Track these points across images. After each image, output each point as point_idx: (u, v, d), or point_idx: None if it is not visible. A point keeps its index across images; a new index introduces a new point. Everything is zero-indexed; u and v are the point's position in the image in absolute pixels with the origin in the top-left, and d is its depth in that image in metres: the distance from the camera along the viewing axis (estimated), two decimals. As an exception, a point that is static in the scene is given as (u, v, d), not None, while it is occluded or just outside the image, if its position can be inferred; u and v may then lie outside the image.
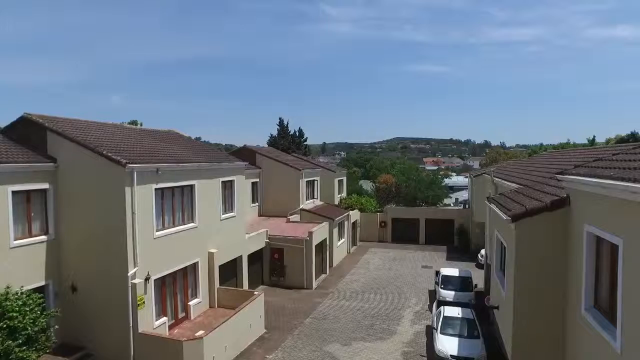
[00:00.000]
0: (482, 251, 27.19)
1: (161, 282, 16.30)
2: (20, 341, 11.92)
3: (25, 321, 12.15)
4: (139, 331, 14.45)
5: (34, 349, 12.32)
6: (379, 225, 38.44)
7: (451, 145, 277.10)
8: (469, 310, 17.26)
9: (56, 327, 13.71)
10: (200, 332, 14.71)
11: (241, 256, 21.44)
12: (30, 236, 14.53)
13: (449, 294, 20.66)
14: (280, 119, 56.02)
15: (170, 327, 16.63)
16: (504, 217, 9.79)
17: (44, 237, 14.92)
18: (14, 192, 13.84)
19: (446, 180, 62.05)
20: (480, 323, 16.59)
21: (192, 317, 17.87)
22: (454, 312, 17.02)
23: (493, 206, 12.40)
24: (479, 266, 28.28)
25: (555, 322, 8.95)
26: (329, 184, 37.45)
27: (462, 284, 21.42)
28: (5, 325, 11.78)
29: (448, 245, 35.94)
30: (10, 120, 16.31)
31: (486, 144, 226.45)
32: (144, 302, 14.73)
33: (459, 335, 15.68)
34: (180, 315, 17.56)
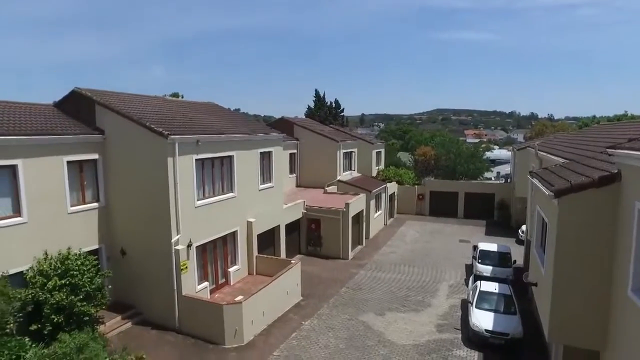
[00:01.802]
0: (523, 227, 26.44)
1: (202, 249, 17.06)
2: (81, 297, 13.11)
3: (84, 279, 13.30)
4: (183, 294, 15.32)
5: (92, 304, 13.49)
6: (417, 198, 38.02)
7: (494, 117, 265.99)
8: (507, 286, 17.00)
9: (109, 286, 14.81)
10: (240, 297, 15.40)
11: (279, 226, 21.96)
12: (84, 203, 15.55)
13: (486, 269, 20.38)
14: (316, 90, 55.76)
15: (211, 291, 17.49)
16: (547, 192, 9.44)
17: (95, 205, 15.90)
18: (68, 162, 14.78)
19: (487, 154, 59.84)
20: (517, 299, 16.34)
21: (232, 283, 18.69)
22: (491, 287, 16.82)
23: (535, 181, 11.96)
24: (519, 242, 27.58)
25: (596, 302, 8.69)
26: (366, 156, 37.19)
27: (501, 259, 21.03)
28: (68, 282, 12.90)
29: (487, 220, 35.14)
30: (61, 95, 17.22)
31: (532, 116, 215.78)
32: (186, 267, 15.52)
33: (495, 311, 15.55)
34: (221, 280, 18.40)
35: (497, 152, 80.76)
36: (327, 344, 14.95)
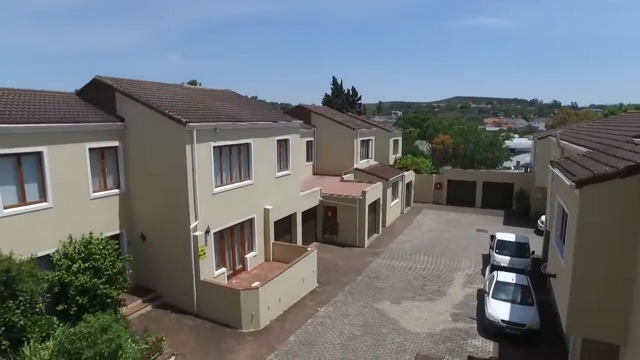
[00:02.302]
0: (543, 217, 26.01)
1: (220, 236, 17.32)
2: (104, 280, 13.53)
3: (106, 263, 13.71)
4: (201, 279, 15.63)
5: (114, 287, 13.92)
6: (434, 187, 37.71)
7: (515, 105, 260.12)
8: (524, 277, 16.83)
9: (130, 270, 15.20)
10: (256, 283, 15.64)
11: (295, 213, 22.10)
12: (106, 189, 15.91)
13: (503, 259, 20.17)
14: (333, 77, 55.40)
15: (229, 277, 17.80)
16: (568, 182, 9.25)
17: (116, 191, 16.26)
18: (90, 149, 15.11)
19: (507, 142, 58.82)
20: (535, 290, 16.17)
21: (249, 269, 18.96)
22: (508, 277, 16.68)
23: (556, 170, 11.72)
24: (538, 232, 27.17)
25: (617, 296, 8.53)
26: (384, 144, 36.94)
27: (519, 249, 20.78)
28: (91, 266, 13.33)
29: (506, 210, 34.66)
30: (83, 84, 17.51)
31: (555, 104, 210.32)
32: (204, 253, 15.80)
33: (512, 301, 15.43)
34: (238, 266, 18.70)
35: (517, 141, 79.22)
36: (342, 330, 15.10)
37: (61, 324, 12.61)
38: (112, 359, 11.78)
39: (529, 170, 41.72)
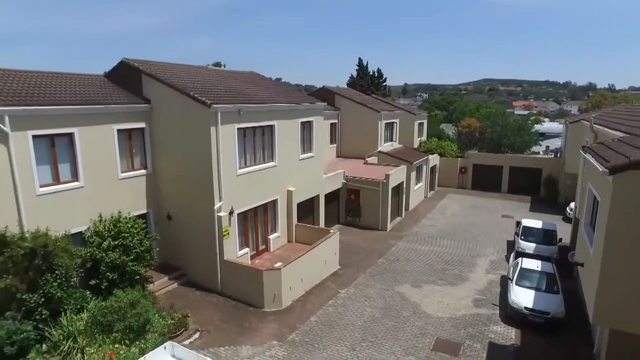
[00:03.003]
0: (572, 204, 25.27)
1: (244, 216, 17.58)
2: (132, 257, 14.01)
3: (134, 241, 14.16)
4: (225, 259, 15.97)
5: (141, 264, 14.40)
6: (459, 171, 37.07)
7: (546, 87, 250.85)
8: (550, 265, 16.49)
9: (157, 249, 15.67)
10: (279, 264, 15.88)
11: (318, 195, 22.18)
12: (133, 170, 16.32)
13: (528, 246, 19.78)
14: (359, 59, 54.53)
15: (252, 257, 18.12)
16: (601, 168, 8.91)
17: (143, 171, 16.66)
18: (118, 131, 15.47)
19: (537, 127, 56.84)
20: (561, 279, 15.85)
21: (272, 250, 19.25)
22: (533, 264, 16.38)
23: (589, 156, 11.30)
24: (567, 220, 26.45)
25: (648, 285, 8.27)
26: (408, 127, 36.40)
27: (545, 236, 20.32)
28: (120, 243, 13.81)
29: (533, 196, 33.82)
30: (110, 67, 17.88)
31: (590, 87, 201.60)
32: (228, 233, 16.10)
33: (536, 289, 15.17)
34: (261, 247, 18.99)
35: (548, 125, 76.62)
36: (363, 312, 15.24)
37: (94, 298, 13.20)
38: (141, 332, 12.30)
39: (558, 155, 40.44)
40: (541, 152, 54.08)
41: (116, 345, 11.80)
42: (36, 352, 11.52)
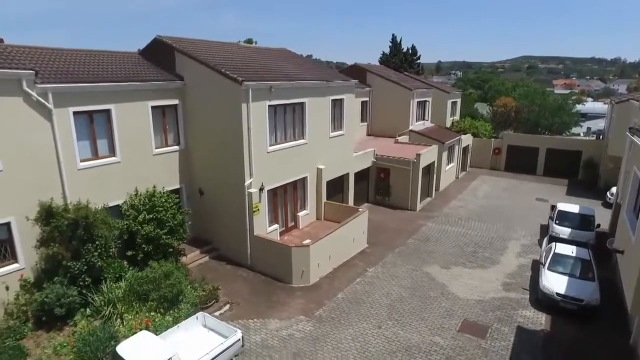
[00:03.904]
0: (613, 189, 24.22)
1: (273, 193, 17.79)
2: (166, 230, 14.51)
3: (167, 215, 14.64)
4: (254, 234, 16.30)
5: (175, 238, 14.91)
6: (493, 152, 36.03)
7: (591, 65, 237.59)
8: (586, 251, 15.96)
9: (189, 223, 16.15)
10: (308, 241, 16.07)
11: (348, 174, 22.14)
12: (167, 146, 16.72)
13: (563, 231, 19.16)
14: (393, 35, 53.11)
15: (281, 233, 18.41)
16: (648, 153, 8.46)
17: (176, 147, 17.04)
18: (153, 107, 15.80)
19: (578, 107, 54.18)
20: (597, 266, 15.32)
21: (300, 227, 19.47)
22: (568, 250, 15.89)
23: (636, 138, 10.73)
24: (607, 205, 25.39)
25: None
26: (441, 106, 35.49)
27: (582, 221, 19.59)
28: (154, 217, 14.32)
29: (570, 179, 32.54)
30: (144, 44, 18.18)
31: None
32: (258, 209, 16.37)
33: (570, 275, 14.76)
34: (290, 224, 19.24)
35: (590, 105, 72.93)
36: (390, 291, 15.31)
37: (130, 268, 13.84)
38: (174, 302, 12.85)
39: (601, 137, 38.58)
40: (582, 134, 51.76)
41: (151, 313, 12.41)
42: (81, 315, 12.30)
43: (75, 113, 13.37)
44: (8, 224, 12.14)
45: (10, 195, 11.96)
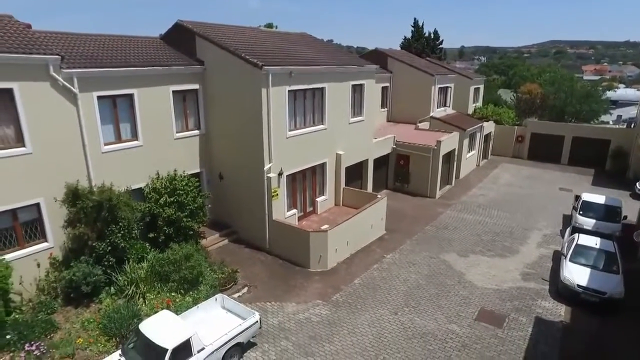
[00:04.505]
0: (642, 179, 23.40)
1: (292, 178, 17.89)
2: (186, 213, 14.80)
3: (188, 199, 14.90)
4: (273, 218, 16.47)
5: (195, 221, 15.20)
6: (515, 140, 35.22)
7: (625, 49, 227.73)
8: (611, 243, 15.57)
9: (209, 206, 16.41)
10: (326, 226, 16.16)
11: (367, 160, 22.05)
12: (187, 130, 16.93)
13: (587, 222, 18.70)
14: (415, 19, 52.06)
15: (299, 218, 18.55)
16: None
17: (197, 132, 17.24)
18: (174, 92, 15.97)
19: (609, 93, 52.27)
20: (623, 259, 14.93)
21: (319, 212, 19.58)
22: (591, 241, 15.55)
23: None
24: (635, 196, 24.57)
25: None
26: (463, 92, 34.78)
27: (607, 213, 19.06)
28: (175, 200, 14.61)
29: (597, 169, 31.59)
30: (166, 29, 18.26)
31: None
32: (277, 194, 16.50)
33: (593, 267, 14.46)
34: (308, 209, 19.37)
35: (622, 92, 70.20)
36: (407, 278, 15.33)
37: (152, 250, 14.21)
38: (194, 283, 13.17)
39: (632, 125, 37.23)
40: (611, 122, 50.04)
41: (172, 294, 12.76)
42: (106, 293, 12.77)
43: (99, 97, 13.65)
44: (38, 205, 12.60)
45: (39, 177, 12.39)
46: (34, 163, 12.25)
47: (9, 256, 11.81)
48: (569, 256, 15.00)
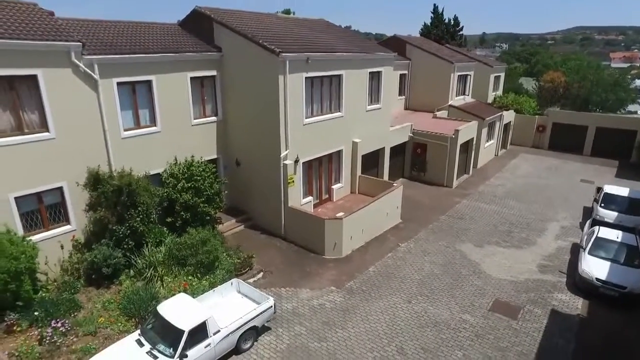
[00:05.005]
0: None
1: (308, 166, 17.93)
2: (203, 199, 15.02)
3: (205, 184, 15.11)
4: (289, 205, 16.58)
5: (212, 206, 15.42)
6: (536, 130, 34.44)
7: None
8: (633, 236, 15.22)
9: (226, 192, 16.60)
10: (341, 214, 16.21)
11: (384, 148, 21.92)
12: (205, 117, 17.08)
13: (609, 215, 18.29)
14: (434, 5, 50.89)
15: (315, 206, 18.64)
16: None
17: (214, 118, 17.37)
18: (191, 78, 16.08)
19: (638, 82, 50.40)
20: None
21: (334, 200, 19.63)
22: (612, 234, 15.23)
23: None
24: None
25: None
26: (483, 80, 34.11)
27: (631, 205, 18.56)
28: (192, 186, 14.83)
29: (621, 161, 30.71)
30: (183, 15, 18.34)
31: None
32: (293, 181, 16.58)
33: (613, 260, 14.18)
34: (324, 196, 19.43)
35: (652, 80, 67.53)
36: (422, 267, 15.32)
37: (170, 234, 14.50)
38: (211, 267, 13.42)
39: (659, 115, 35.96)
40: (639, 112, 48.41)
41: (189, 277, 13.03)
42: (125, 275, 13.13)
43: (119, 84, 13.85)
44: (61, 188, 12.96)
45: (61, 161, 12.71)
46: (57, 148, 12.57)
47: (35, 237, 12.24)
48: (588, 249, 14.75)
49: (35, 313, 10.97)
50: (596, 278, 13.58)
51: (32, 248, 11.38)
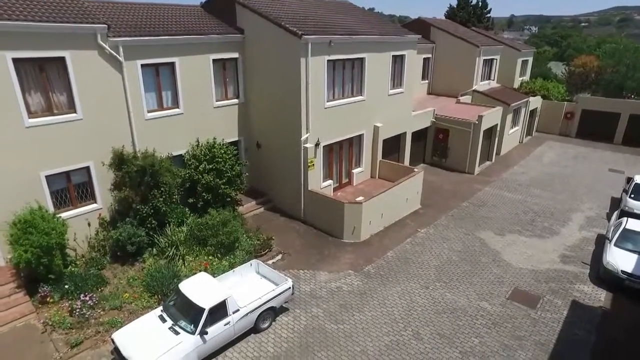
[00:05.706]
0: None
1: (329, 149, 17.91)
2: (224, 180, 15.24)
3: (226, 166, 15.30)
4: (309, 189, 16.66)
5: (232, 188, 15.65)
6: (564, 117, 33.38)
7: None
8: (664, 229, 14.74)
9: (246, 174, 16.79)
10: (360, 198, 16.21)
11: (405, 133, 21.68)
12: (227, 99, 17.17)
13: (639, 206, 17.71)
14: (461, -15, 49.35)
15: (335, 189, 18.67)
16: None
17: (236, 100, 17.45)
18: (214, 61, 16.14)
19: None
20: None
21: (354, 184, 19.62)
22: (641, 227, 14.77)
23: None
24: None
25: None
26: (510, 64, 33.11)
27: (662, 197, 17.96)
28: (214, 167, 15.05)
29: (655, 150, 29.60)
30: None
31: None
32: (313, 164, 16.61)
33: (640, 253, 13.80)
34: (344, 180, 19.43)
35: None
36: (440, 253, 15.26)
37: (191, 214, 14.81)
38: (231, 248, 13.70)
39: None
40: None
41: (210, 257, 13.36)
42: (149, 253, 13.53)
43: (143, 66, 14.02)
44: (87, 168, 13.34)
45: (88, 141, 13.06)
46: (84, 128, 12.89)
47: (64, 214, 12.70)
48: (614, 240, 14.38)
49: (66, 286, 11.50)
50: (622, 270, 13.25)
51: (62, 225, 11.82)
